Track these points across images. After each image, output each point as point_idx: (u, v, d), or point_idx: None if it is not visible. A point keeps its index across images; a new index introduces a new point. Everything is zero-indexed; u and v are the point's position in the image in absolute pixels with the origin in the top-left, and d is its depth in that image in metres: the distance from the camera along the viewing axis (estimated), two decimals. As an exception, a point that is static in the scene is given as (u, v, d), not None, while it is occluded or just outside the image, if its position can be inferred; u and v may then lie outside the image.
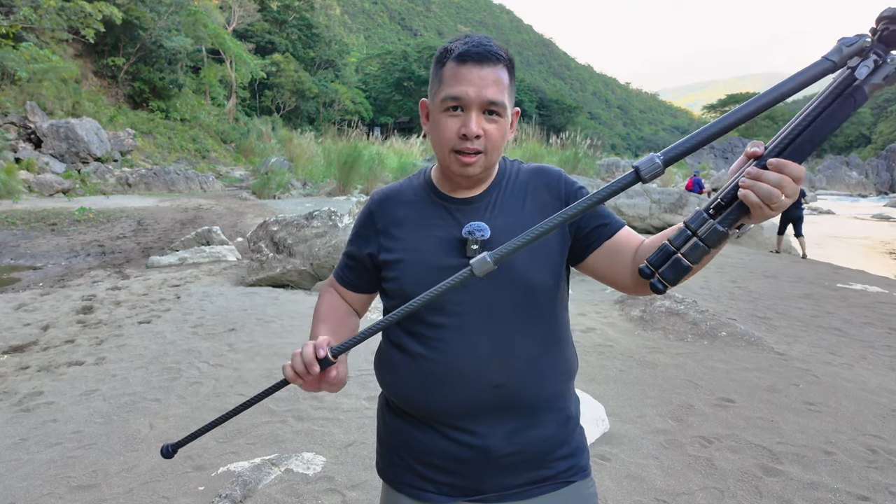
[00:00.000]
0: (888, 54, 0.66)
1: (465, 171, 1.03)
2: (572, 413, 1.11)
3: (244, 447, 2.78)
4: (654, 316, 5.05)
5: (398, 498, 1.10)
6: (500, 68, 1.00)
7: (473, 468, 1.02)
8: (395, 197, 1.14)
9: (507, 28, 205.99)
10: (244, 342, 4.37)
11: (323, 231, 6.51)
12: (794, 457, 2.72)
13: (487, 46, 1.00)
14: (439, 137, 1.03)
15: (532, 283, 1.03)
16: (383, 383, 1.13)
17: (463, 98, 0.98)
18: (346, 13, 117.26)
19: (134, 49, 25.92)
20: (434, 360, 1.02)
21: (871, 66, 0.66)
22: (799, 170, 0.70)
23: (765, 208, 0.71)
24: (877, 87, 0.67)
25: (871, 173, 48.27)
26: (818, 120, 0.70)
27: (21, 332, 4.67)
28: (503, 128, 1.02)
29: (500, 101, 0.99)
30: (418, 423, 1.06)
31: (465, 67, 0.98)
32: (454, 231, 1.04)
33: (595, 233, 1.06)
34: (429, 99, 1.07)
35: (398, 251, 1.07)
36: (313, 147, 21.25)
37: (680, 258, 0.76)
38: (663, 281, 0.78)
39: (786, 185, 0.69)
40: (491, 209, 1.07)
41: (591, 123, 76.54)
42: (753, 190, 0.71)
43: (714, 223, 0.73)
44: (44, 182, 15.69)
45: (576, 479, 1.08)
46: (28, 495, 2.40)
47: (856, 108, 0.69)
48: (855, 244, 14.09)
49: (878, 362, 4.34)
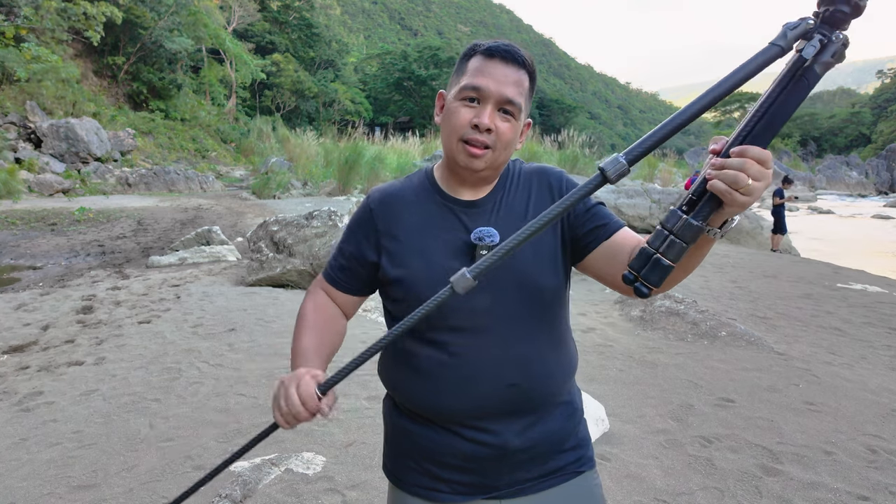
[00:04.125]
0: (832, 33, 0.68)
1: (471, 164, 1.02)
2: (578, 405, 1.14)
3: (244, 447, 2.78)
4: (654, 316, 5.05)
5: (408, 500, 1.10)
6: (523, 73, 1.03)
7: (490, 466, 1.04)
8: (397, 196, 1.12)
9: (507, 28, 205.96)
10: (244, 342, 4.37)
11: (323, 231, 6.51)
12: (794, 457, 2.72)
13: (516, 49, 1.02)
14: (451, 124, 1.03)
15: (540, 286, 1.04)
16: (393, 388, 1.12)
17: (482, 89, 1.00)
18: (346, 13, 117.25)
19: (134, 49, 25.91)
20: (448, 363, 1.02)
21: (817, 45, 0.68)
22: (761, 152, 0.72)
23: (734, 194, 0.72)
24: (827, 66, 0.69)
25: (871, 173, 48.22)
26: (774, 105, 0.71)
27: (21, 332, 4.67)
28: (515, 129, 1.03)
29: (517, 101, 1.01)
30: (432, 425, 1.06)
31: (490, 62, 1.01)
32: (461, 235, 1.05)
33: (593, 234, 1.06)
34: (447, 91, 1.08)
35: (404, 254, 1.06)
36: (313, 147, 21.23)
37: (659, 258, 0.76)
38: (647, 284, 0.78)
39: (749, 167, 0.71)
40: (496, 212, 1.07)
41: (590, 123, 76.48)
42: (719, 178, 0.72)
43: (688, 218, 0.75)
44: (44, 182, 15.68)
45: (583, 469, 1.11)
46: (28, 495, 2.40)
47: (810, 89, 0.70)
48: (855, 244, 14.08)
49: (878, 362, 4.34)
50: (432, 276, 1.03)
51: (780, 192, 11.04)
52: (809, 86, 0.69)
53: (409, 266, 1.05)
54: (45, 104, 19.53)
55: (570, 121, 50.27)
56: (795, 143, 68.81)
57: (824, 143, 75.49)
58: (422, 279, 1.03)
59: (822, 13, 0.69)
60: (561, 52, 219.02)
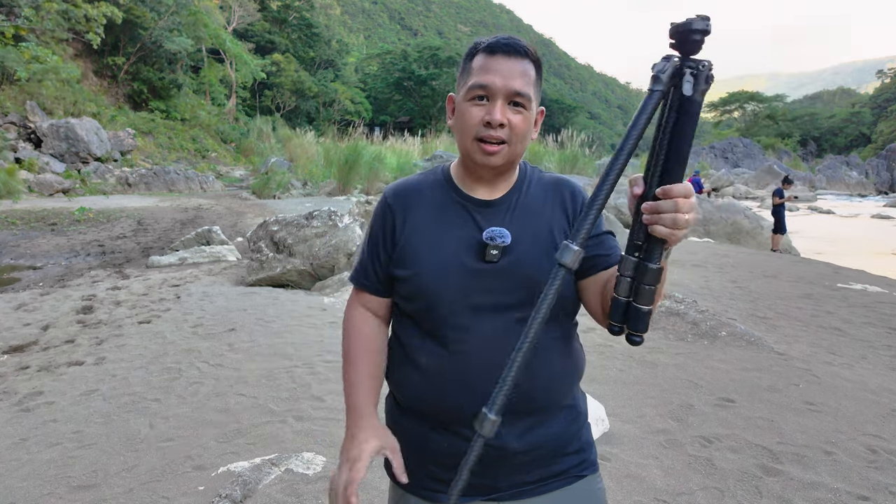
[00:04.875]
0: (698, 62, 0.74)
1: (488, 161, 1.03)
2: (581, 409, 1.13)
3: (244, 447, 2.78)
4: (654, 316, 5.04)
5: (409, 499, 1.10)
6: (527, 63, 1.03)
7: (489, 466, 1.03)
8: (413, 190, 1.13)
9: (507, 28, 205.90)
10: (244, 342, 4.37)
11: (323, 231, 6.51)
12: (794, 457, 2.72)
13: (517, 41, 1.03)
14: (463, 125, 1.04)
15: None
16: (396, 387, 1.13)
17: (489, 86, 1.00)
18: (346, 13, 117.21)
19: (134, 49, 25.92)
20: (450, 363, 1.03)
21: (691, 80, 0.74)
22: (683, 187, 0.77)
23: (676, 232, 0.77)
24: (704, 92, 0.75)
25: (871, 173, 48.19)
26: (674, 141, 0.77)
27: (21, 332, 4.67)
28: (528, 120, 1.03)
29: (525, 92, 1.01)
30: (432, 425, 1.06)
31: (493, 58, 1.01)
32: (474, 233, 1.05)
33: (592, 260, 1.06)
34: (456, 93, 1.09)
35: (417, 246, 1.07)
36: (313, 147, 21.24)
37: (637, 307, 0.83)
38: (636, 333, 0.85)
39: (681, 205, 0.76)
40: (511, 213, 1.07)
41: (590, 123, 76.44)
42: (659, 223, 0.77)
43: (647, 264, 0.81)
44: (44, 182, 15.68)
45: (586, 473, 1.10)
46: (28, 495, 2.40)
47: (698, 116, 0.75)
48: (855, 244, 14.08)
49: (878, 362, 4.34)
50: (441, 270, 1.03)
51: (779, 191, 11.05)
52: (695, 116, 0.75)
53: (420, 259, 1.05)
54: (45, 104, 19.54)
55: (570, 121, 50.23)
56: (795, 143, 68.80)
57: (824, 143, 75.51)
58: (431, 273, 1.04)
59: (678, 46, 0.75)
60: (561, 52, 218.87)
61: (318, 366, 3.86)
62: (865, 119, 77.08)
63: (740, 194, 29.68)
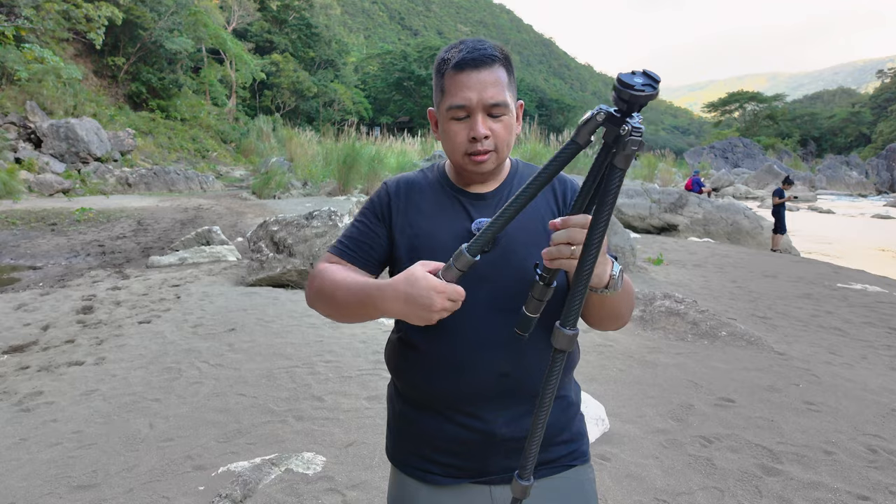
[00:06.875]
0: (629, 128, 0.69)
1: (480, 169, 1.09)
2: (573, 400, 1.16)
3: (244, 447, 2.78)
4: (654, 316, 5.04)
5: (405, 480, 1.15)
6: (497, 68, 1.05)
7: (477, 450, 1.07)
8: (412, 184, 1.18)
9: (507, 28, 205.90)
10: (244, 342, 4.37)
11: (323, 231, 6.51)
12: (794, 456, 2.72)
13: (482, 50, 1.04)
14: (451, 144, 1.09)
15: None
16: (394, 371, 1.18)
17: (466, 105, 1.04)
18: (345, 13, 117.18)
19: (134, 49, 25.93)
20: (442, 349, 1.06)
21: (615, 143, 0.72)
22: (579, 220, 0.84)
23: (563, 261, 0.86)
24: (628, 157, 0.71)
25: (872, 173, 48.17)
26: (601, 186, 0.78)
27: (21, 332, 4.67)
28: (509, 125, 1.08)
29: (501, 101, 1.04)
30: (428, 410, 1.10)
31: (463, 74, 1.04)
32: (466, 223, 1.10)
33: None
34: (435, 108, 1.14)
35: (414, 235, 1.11)
36: (313, 147, 21.22)
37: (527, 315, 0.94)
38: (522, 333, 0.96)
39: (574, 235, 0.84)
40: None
41: (591, 123, 76.28)
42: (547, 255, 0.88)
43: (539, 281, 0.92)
44: (44, 182, 15.68)
45: (576, 463, 1.13)
46: (28, 495, 2.40)
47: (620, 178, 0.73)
48: (855, 244, 14.08)
49: (878, 362, 4.34)
50: (435, 259, 1.04)
51: (779, 191, 11.06)
52: (619, 176, 0.73)
53: (417, 247, 1.10)
54: (46, 104, 19.53)
55: (570, 121, 50.27)
56: (795, 143, 68.83)
57: (824, 142, 75.51)
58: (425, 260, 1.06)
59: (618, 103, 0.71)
60: (561, 52, 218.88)
61: (318, 366, 3.87)
62: (865, 119, 77.07)
63: (740, 194, 29.68)
